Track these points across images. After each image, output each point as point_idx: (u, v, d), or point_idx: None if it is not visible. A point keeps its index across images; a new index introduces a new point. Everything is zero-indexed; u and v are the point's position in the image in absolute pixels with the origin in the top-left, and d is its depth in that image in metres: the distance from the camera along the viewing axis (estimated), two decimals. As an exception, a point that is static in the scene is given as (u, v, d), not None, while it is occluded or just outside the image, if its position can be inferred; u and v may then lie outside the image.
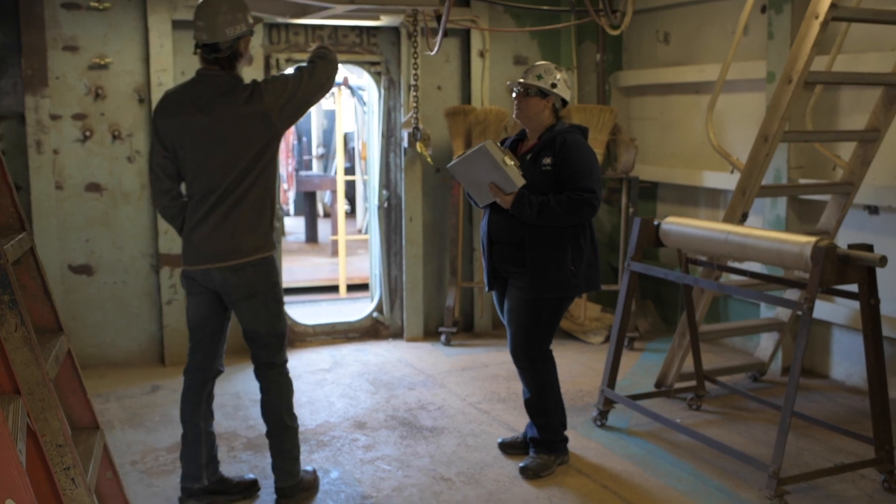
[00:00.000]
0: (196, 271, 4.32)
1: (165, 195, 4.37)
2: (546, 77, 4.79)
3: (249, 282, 4.28)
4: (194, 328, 4.48)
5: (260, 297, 4.32)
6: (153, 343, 7.03)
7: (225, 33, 4.17)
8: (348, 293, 9.81)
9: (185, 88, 4.34)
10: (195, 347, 4.50)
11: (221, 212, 4.23)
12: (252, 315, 4.35)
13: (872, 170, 5.81)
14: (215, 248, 4.24)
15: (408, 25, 7.21)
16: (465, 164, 4.78)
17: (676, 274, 5.67)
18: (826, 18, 5.18)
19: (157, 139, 4.33)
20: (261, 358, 4.46)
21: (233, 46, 4.22)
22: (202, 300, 4.41)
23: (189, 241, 4.34)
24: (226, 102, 4.18)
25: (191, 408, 4.49)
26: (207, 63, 4.27)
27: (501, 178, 4.65)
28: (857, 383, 6.27)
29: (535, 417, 5.00)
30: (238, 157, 4.19)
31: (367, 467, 5.01)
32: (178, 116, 4.25)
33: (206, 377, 4.51)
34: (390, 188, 7.81)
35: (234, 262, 4.24)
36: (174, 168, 4.32)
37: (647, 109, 8.32)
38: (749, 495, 4.58)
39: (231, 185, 4.21)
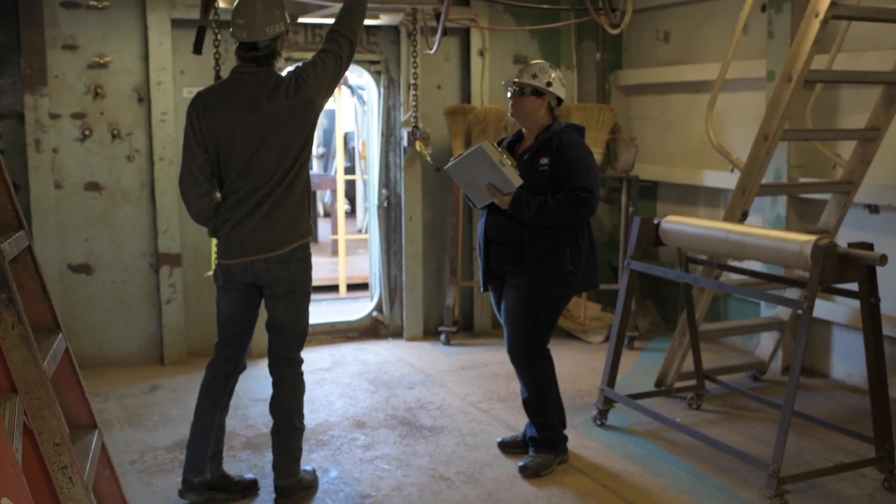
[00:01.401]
0: (237, 265, 4.33)
1: (204, 198, 4.36)
2: (541, 76, 4.78)
3: (292, 276, 4.34)
4: (228, 322, 4.50)
5: (298, 293, 4.40)
6: (152, 343, 7.02)
7: (265, 32, 4.22)
8: (348, 292, 9.80)
9: (223, 88, 4.34)
10: (226, 342, 4.52)
11: (268, 206, 4.26)
12: (287, 309, 4.41)
13: (873, 168, 5.80)
14: (262, 241, 4.27)
15: (407, 24, 7.20)
16: (463, 165, 4.77)
17: (676, 273, 5.66)
18: (826, 17, 5.17)
19: (194, 142, 4.29)
20: (281, 352, 4.49)
21: (271, 45, 4.27)
22: (238, 295, 4.44)
23: (231, 237, 4.33)
24: (272, 99, 4.21)
25: (211, 400, 4.50)
26: (244, 61, 4.30)
27: (499, 178, 4.64)
28: (858, 382, 6.26)
29: (533, 417, 4.99)
30: (287, 151, 4.24)
31: (366, 466, 5.01)
32: (221, 117, 4.24)
33: (232, 371, 4.54)
34: (390, 187, 7.80)
35: (280, 251, 4.28)
36: (212, 170, 4.32)
37: (647, 108, 8.32)
38: (749, 494, 4.58)
39: (279, 179, 4.25)
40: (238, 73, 4.32)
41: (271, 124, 4.22)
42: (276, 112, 4.22)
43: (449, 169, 4.89)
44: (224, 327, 4.52)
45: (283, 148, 4.24)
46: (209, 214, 4.39)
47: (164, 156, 6.81)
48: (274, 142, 4.23)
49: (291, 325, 4.46)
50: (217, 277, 4.47)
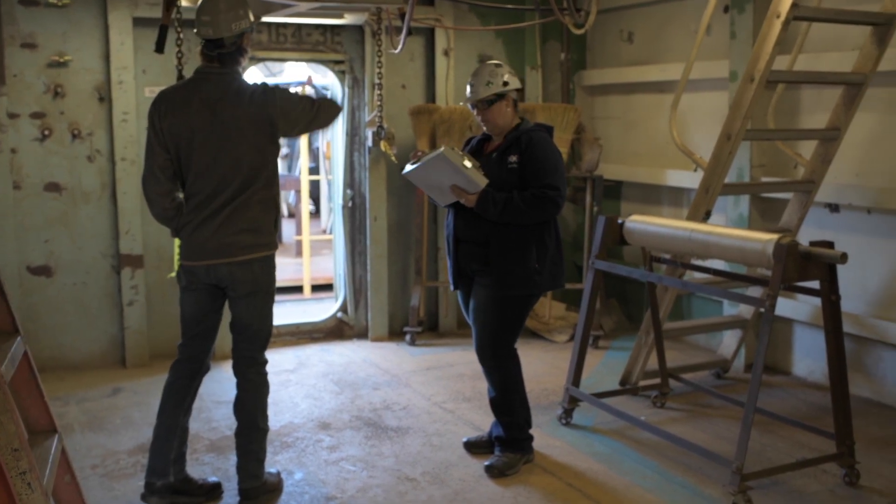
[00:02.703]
0: (199, 267, 4.31)
1: (166, 197, 4.32)
2: (495, 80, 4.75)
3: (256, 278, 4.33)
4: (191, 323, 4.46)
5: (261, 293, 4.38)
6: (114, 345, 6.94)
7: (230, 28, 4.20)
8: (312, 293, 9.75)
9: (186, 88, 4.31)
10: (190, 342, 4.48)
11: (230, 211, 4.23)
12: (249, 309, 4.38)
13: (833, 168, 5.87)
14: (223, 245, 4.25)
15: (372, 24, 7.17)
16: (424, 170, 4.73)
17: (640, 272, 5.69)
18: (787, 18, 5.23)
19: (155, 141, 4.26)
20: (245, 352, 4.46)
21: (237, 42, 4.26)
22: (202, 296, 4.41)
23: (193, 238, 4.31)
24: (235, 102, 4.18)
25: (174, 401, 4.45)
26: (209, 60, 4.28)
27: (463, 181, 4.63)
28: (819, 379, 6.34)
29: (500, 416, 4.99)
30: (246, 157, 4.21)
31: (331, 468, 4.98)
32: (182, 116, 4.21)
33: (196, 371, 4.50)
34: (354, 187, 7.77)
35: (242, 258, 4.26)
36: (174, 169, 4.29)
37: (611, 108, 8.36)
38: (713, 491, 4.61)
39: (240, 187, 4.22)
40: (202, 72, 4.29)
41: (231, 128, 4.19)
42: (237, 116, 4.19)
43: (408, 174, 4.83)
44: (187, 328, 4.48)
45: (242, 154, 4.20)
46: (171, 214, 4.35)
47: (125, 156, 6.73)
48: (234, 146, 4.19)
49: (255, 326, 4.43)
50: (180, 278, 4.44)
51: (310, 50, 7.43)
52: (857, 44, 5.75)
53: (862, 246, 5.95)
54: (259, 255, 4.31)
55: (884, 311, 5.91)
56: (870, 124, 5.91)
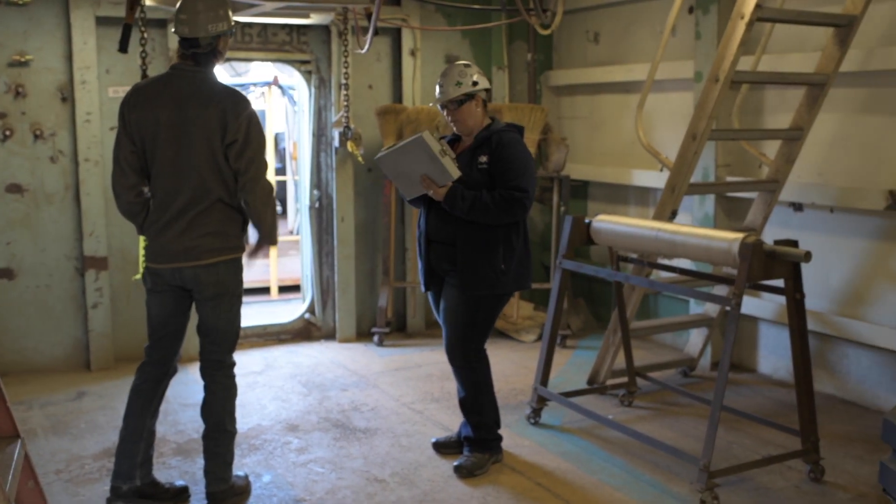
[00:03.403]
0: (165, 269, 4.27)
1: (130, 191, 4.29)
2: (464, 80, 4.73)
3: (221, 280, 4.29)
4: (158, 325, 4.42)
5: (228, 296, 4.34)
6: (78, 348, 6.85)
7: (207, 29, 4.19)
8: (280, 294, 9.71)
9: (158, 82, 4.29)
10: (156, 345, 4.44)
11: (194, 214, 4.20)
12: (217, 312, 4.34)
13: (796, 168, 5.93)
14: (188, 248, 4.22)
15: (338, 24, 7.15)
16: (399, 155, 4.69)
17: (607, 271, 5.72)
18: (751, 19, 5.27)
19: (125, 133, 4.25)
20: (212, 355, 4.42)
21: (212, 43, 4.24)
22: (167, 298, 4.37)
23: (158, 240, 4.28)
24: (203, 102, 4.15)
25: (141, 404, 4.40)
26: (184, 58, 4.27)
27: (437, 170, 4.60)
28: (784, 377, 6.40)
29: (469, 416, 4.99)
30: (204, 159, 4.16)
31: (299, 470, 4.95)
32: (150, 110, 4.19)
33: (163, 374, 4.46)
34: (321, 188, 7.74)
35: (207, 261, 4.23)
36: (140, 163, 4.26)
37: (578, 109, 8.39)
38: (680, 489, 4.64)
39: (203, 190, 4.18)
40: (176, 69, 4.29)
41: (194, 127, 4.15)
42: (201, 116, 4.15)
43: (381, 158, 4.79)
44: (154, 330, 4.44)
45: (201, 155, 4.16)
46: (136, 209, 4.32)
47: (89, 157, 6.65)
48: (194, 146, 4.16)
49: (222, 328, 4.39)
50: (146, 280, 4.40)
51: (276, 50, 7.39)
52: (820, 45, 5.82)
53: (825, 244, 6.03)
54: (224, 258, 4.29)
55: (847, 308, 5.98)
56: (832, 124, 5.98)
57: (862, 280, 5.88)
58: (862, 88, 5.83)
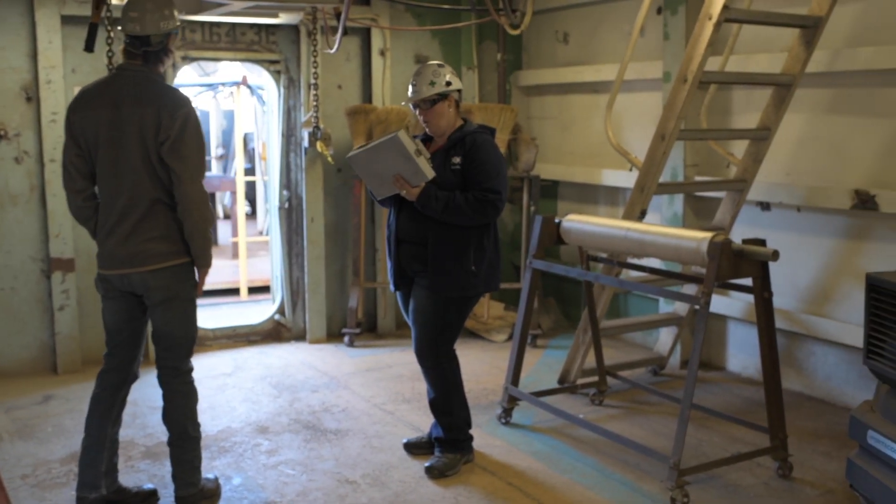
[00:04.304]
0: (113, 275, 4.21)
1: (79, 195, 4.24)
2: (438, 80, 4.72)
3: (170, 285, 4.21)
4: (113, 331, 4.35)
5: (178, 300, 4.25)
6: (45, 351, 6.77)
7: (158, 26, 4.14)
8: (249, 296, 9.65)
9: (102, 83, 4.24)
10: (114, 351, 4.36)
11: (134, 217, 4.12)
12: (168, 317, 4.26)
13: (764, 167, 5.98)
14: (132, 253, 4.14)
15: (307, 23, 7.12)
16: (372, 154, 4.65)
17: (577, 271, 5.74)
18: (719, 20, 5.30)
19: (69, 136, 4.20)
20: (167, 361, 4.34)
21: (163, 42, 4.19)
22: (119, 304, 4.30)
23: (104, 246, 4.22)
24: (144, 101, 4.07)
25: (101, 412, 4.34)
26: (132, 58, 4.19)
27: (411, 169, 4.57)
28: (753, 375, 6.46)
29: (440, 417, 4.98)
30: (141, 159, 4.08)
31: (270, 472, 4.92)
32: (92, 111, 4.13)
33: (122, 381, 4.38)
34: (291, 188, 7.70)
35: (154, 266, 4.15)
36: (88, 167, 4.20)
37: (547, 109, 8.41)
38: (651, 487, 4.66)
39: (138, 189, 4.11)
40: (122, 68, 4.22)
41: (132, 127, 4.06)
42: (139, 114, 4.06)
43: (354, 157, 4.74)
44: (110, 336, 4.36)
45: (140, 157, 4.08)
46: (87, 214, 4.27)
47: (55, 157, 6.56)
48: (133, 147, 4.07)
49: (176, 334, 4.30)
50: (98, 286, 4.33)
51: (244, 49, 7.35)
52: (786, 46, 5.87)
53: (792, 243, 6.08)
54: (172, 263, 4.20)
55: (814, 306, 6.04)
56: (799, 124, 6.03)
57: (828, 278, 5.95)
58: (828, 89, 5.89)
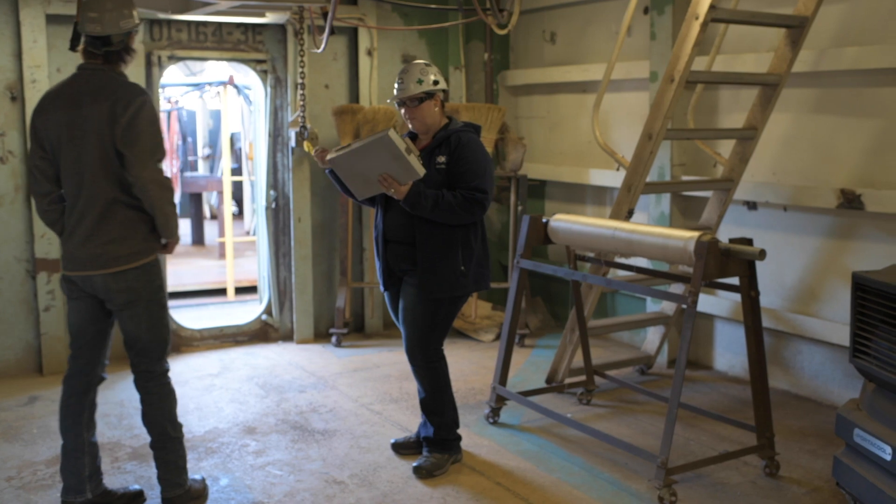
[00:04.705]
0: (76, 276, 4.17)
1: (44, 198, 4.22)
2: (425, 78, 4.72)
3: (131, 287, 4.15)
4: (76, 334, 4.31)
5: (142, 302, 4.19)
6: (30, 352, 6.73)
7: (119, 25, 4.10)
8: (236, 296, 9.62)
9: (64, 84, 4.19)
10: (77, 354, 4.32)
11: (94, 218, 4.09)
12: (134, 321, 4.21)
13: (750, 167, 6.00)
14: (93, 255, 4.10)
15: (294, 23, 7.10)
16: (358, 154, 4.58)
17: (565, 270, 5.74)
18: (706, 20, 5.32)
19: (34, 138, 4.17)
20: (140, 365, 4.29)
21: (124, 40, 4.15)
22: (83, 305, 4.26)
23: (66, 247, 4.20)
24: (100, 98, 4.04)
25: (72, 417, 4.30)
26: (92, 57, 4.15)
27: (401, 168, 4.50)
28: (739, 373, 6.48)
29: (430, 416, 4.97)
30: (99, 157, 4.05)
31: (257, 473, 4.90)
32: (53, 113, 4.10)
33: (87, 385, 4.34)
34: (278, 188, 7.68)
35: (114, 269, 4.10)
36: (53, 170, 4.17)
37: (535, 108, 8.42)
38: (639, 486, 4.67)
39: (97, 188, 4.07)
40: (83, 68, 4.17)
41: (90, 125, 4.03)
42: (97, 112, 4.02)
43: (337, 159, 4.68)
44: (73, 339, 4.33)
45: (96, 153, 4.05)
46: (53, 217, 4.24)
47: (39, 157, 6.52)
48: (90, 146, 4.04)
49: (144, 337, 4.23)
50: (63, 287, 4.30)
51: (231, 49, 7.33)
52: (773, 45, 5.90)
53: (779, 242, 6.10)
54: (132, 266, 4.13)
55: (800, 305, 6.06)
56: (785, 124, 6.06)
57: (815, 277, 5.97)
58: (814, 88, 5.92)
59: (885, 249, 5.47)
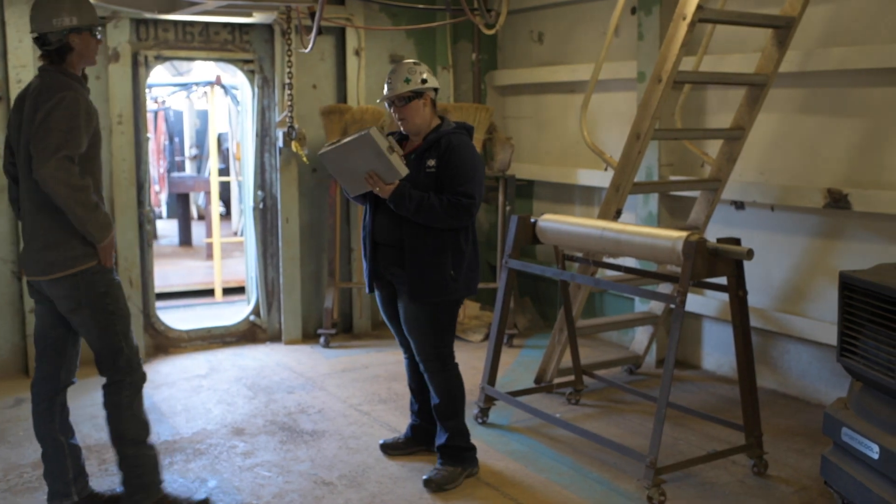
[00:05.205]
0: (30, 280, 4.15)
1: (13, 203, 4.24)
2: (413, 77, 4.63)
3: (70, 294, 4.04)
4: (37, 338, 4.26)
5: (85, 309, 4.06)
6: (16, 354, 6.69)
7: (51, 24, 3.98)
8: (224, 297, 9.59)
9: (25, 87, 4.16)
10: (39, 358, 4.25)
11: (28, 223, 4.05)
12: (83, 328, 4.12)
13: (738, 166, 6.02)
14: (33, 261, 4.06)
15: (281, 23, 7.08)
16: (344, 151, 4.55)
17: (553, 270, 5.74)
18: (693, 20, 5.33)
19: (5, 143, 4.19)
20: (98, 370, 4.19)
21: (63, 40, 4.00)
22: (43, 309, 4.21)
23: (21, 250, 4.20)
24: (31, 101, 3.98)
25: (45, 423, 4.23)
26: (42, 57, 4.09)
27: (383, 166, 4.46)
28: (728, 373, 6.49)
29: (444, 422, 4.81)
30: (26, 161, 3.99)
31: (246, 474, 4.89)
32: (13, 115, 4.11)
33: (53, 389, 4.24)
34: (265, 189, 7.66)
35: (53, 276, 4.01)
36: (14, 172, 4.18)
37: (523, 108, 8.42)
38: (628, 486, 4.67)
39: (27, 193, 4.04)
40: (38, 70, 4.11)
41: (24, 125, 3.99)
42: (28, 114, 3.97)
43: (326, 154, 4.63)
44: (35, 343, 4.27)
45: (25, 158, 3.99)
46: None
47: (25, 158, 6.49)
48: (23, 148, 4.00)
49: (95, 346, 4.13)
50: (29, 292, 4.27)
51: (218, 49, 7.30)
52: (760, 46, 5.91)
53: (766, 242, 6.12)
54: (69, 272, 4.00)
55: (788, 305, 6.08)
56: (772, 124, 6.07)
57: (802, 276, 5.99)
58: (800, 89, 5.94)
59: (872, 249, 5.50)
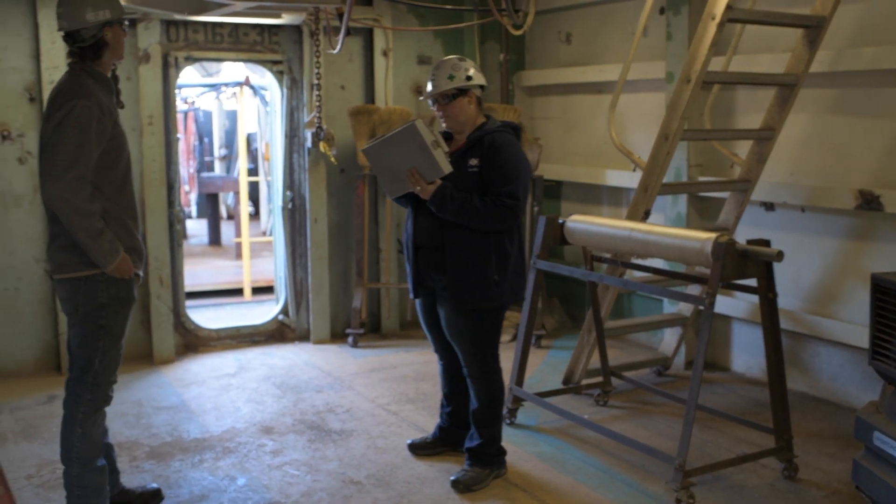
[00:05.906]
0: None
1: None
2: (458, 74, 4.51)
3: (71, 297, 4.02)
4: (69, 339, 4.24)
5: (79, 314, 4.03)
6: (48, 351, 6.77)
7: (85, 19, 3.90)
8: (253, 296, 9.66)
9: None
10: None
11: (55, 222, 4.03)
12: (72, 330, 4.10)
13: (768, 167, 5.97)
14: (51, 258, 4.07)
15: (310, 24, 7.11)
16: (388, 145, 4.44)
17: (581, 271, 5.73)
18: (722, 20, 5.30)
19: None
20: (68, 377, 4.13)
21: (97, 35, 3.94)
22: None
23: None
24: (49, 101, 3.96)
25: None
26: (71, 56, 4.01)
27: (426, 162, 4.35)
28: (757, 375, 6.45)
29: (481, 429, 4.78)
30: None
31: (274, 473, 4.92)
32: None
33: None
34: (294, 189, 7.70)
35: (60, 276, 4.02)
36: None
37: (551, 109, 8.41)
38: (656, 488, 4.65)
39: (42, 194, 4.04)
40: (68, 65, 4.05)
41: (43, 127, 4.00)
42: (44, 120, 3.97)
43: (370, 149, 4.53)
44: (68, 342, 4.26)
45: None
46: None
47: (58, 158, 6.56)
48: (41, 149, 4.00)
49: (75, 352, 4.07)
50: None
51: (247, 50, 7.35)
52: (790, 46, 5.87)
53: (796, 244, 6.07)
54: (72, 275, 3.97)
55: (818, 307, 6.03)
56: (802, 124, 6.03)
57: (833, 279, 5.94)
58: (831, 89, 5.89)
59: (904, 250, 5.45)
